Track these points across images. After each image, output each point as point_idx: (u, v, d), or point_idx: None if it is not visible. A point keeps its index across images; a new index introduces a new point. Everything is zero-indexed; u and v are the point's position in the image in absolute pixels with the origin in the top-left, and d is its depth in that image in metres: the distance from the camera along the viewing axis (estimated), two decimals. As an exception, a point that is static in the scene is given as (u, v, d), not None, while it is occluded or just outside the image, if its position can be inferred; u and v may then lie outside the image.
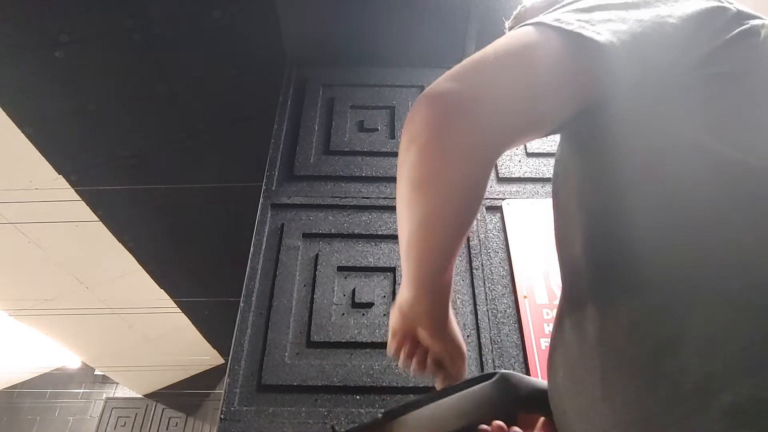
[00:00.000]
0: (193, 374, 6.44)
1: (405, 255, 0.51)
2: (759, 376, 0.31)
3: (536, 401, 0.52)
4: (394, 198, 1.76)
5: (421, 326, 0.58)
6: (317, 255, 1.48)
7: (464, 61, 0.46)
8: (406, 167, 0.47)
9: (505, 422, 0.53)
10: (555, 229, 0.57)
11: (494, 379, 0.53)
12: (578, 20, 0.44)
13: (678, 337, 0.36)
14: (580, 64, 0.44)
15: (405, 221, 0.49)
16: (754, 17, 0.47)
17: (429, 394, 0.57)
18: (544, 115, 0.48)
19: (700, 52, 0.45)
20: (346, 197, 1.61)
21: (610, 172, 0.48)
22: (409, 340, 0.60)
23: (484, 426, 0.52)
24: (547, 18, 0.46)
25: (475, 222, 1.56)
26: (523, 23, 0.47)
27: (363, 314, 1.38)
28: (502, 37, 0.47)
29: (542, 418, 0.55)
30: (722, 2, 0.47)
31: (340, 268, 1.47)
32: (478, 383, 0.54)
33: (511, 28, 0.98)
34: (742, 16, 0.46)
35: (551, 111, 0.47)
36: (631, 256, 0.43)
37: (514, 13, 1.00)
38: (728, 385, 0.32)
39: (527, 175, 1.67)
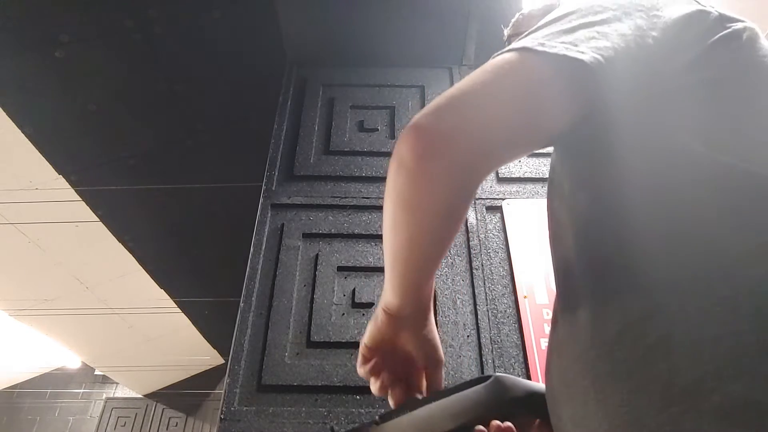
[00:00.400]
0: (193, 374, 6.45)
1: (390, 268, 0.53)
2: (750, 378, 0.31)
3: (530, 403, 0.53)
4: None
5: (405, 329, 0.58)
6: (317, 255, 1.49)
7: (451, 90, 0.47)
8: (394, 190, 0.49)
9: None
10: (549, 233, 0.58)
11: (488, 381, 0.54)
12: (562, 42, 0.45)
13: (669, 339, 0.36)
14: (566, 85, 0.45)
15: (390, 239, 0.51)
16: (736, 20, 0.47)
17: (424, 397, 0.57)
18: (528, 140, 0.49)
19: (684, 59, 0.45)
20: (346, 197, 1.61)
21: (600, 179, 0.48)
22: (384, 357, 0.60)
23: (480, 427, 0.52)
24: (530, 42, 0.46)
25: (475, 222, 1.56)
26: (506, 49, 0.48)
27: (363, 314, 1.38)
28: (486, 63, 0.48)
29: (537, 421, 0.55)
30: (703, 6, 0.47)
31: (340, 268, 1.47)
32: (473, 386, 0.55)
33: (509, 36, 1.00)
34: (723, 20, 0.47)
35: (535, 135, 0.48)
36: (622, 260, 0.43)
37: (512, 21, 1.01)
38: (720, 386, 0.32)
39: (527, 175, 1.67)
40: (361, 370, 0.61)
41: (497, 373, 0.55)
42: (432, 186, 0.46)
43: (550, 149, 0.59)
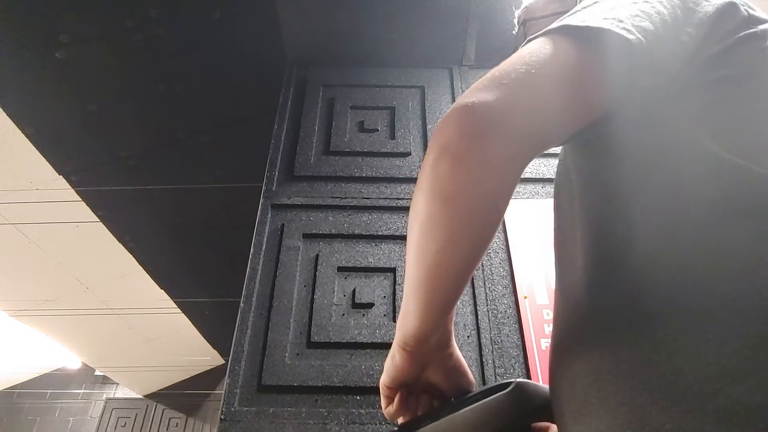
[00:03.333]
0: (193, 375, 6.44)
1: (417, 285, 0.46)
2: (753, 380, 0.31)
3: (551, 410, 0.52)
4: (395, 198, 1.73)
5: (430, 365, 0.54)
6: (317, 255, 1.48)
7: (494, 71, 0.45)
8: (432, 183, 0.43)
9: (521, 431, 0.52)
10: (554, 230, 0.57)
11: (509, 389, 0.52)
12: (605, 19, 0.44)
13: (674, 339, 0.36)
14: (610, 63, 0.44)
15: (421, 244, 0.45)
16: (764, 21, 0.47)
17: (444, 407, 0.55)
18: (574, 119, 0.47)
19: (708, 54, 0.45)
20: (346, 198, 1.61)
21: (613, 174, 0.48)
22: (408, 389, 0.56)
23: None
24: (573, 20, 0.45)
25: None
26: (546, 30, 0.46)
27: (363, 315, 1.38)
28: (525, 46, 0.46)
29: (554, 426, 0.55)
30: (735, 1, 0.47)
31: (341, 269, 1.46)
32: (493, 393, 0.53)
33: (524, 20, 0.98)
34: (752, 20, 0.46)
35: (582, 114, 0.46)
36: (630, 259, 0.43)
37: (527, 3, 0.99)
38: (722, 388, 0.32)
39: (527, 175, 1.67)
40: (389, 411, 0.56)
41: (518, 379, 0.53)
42: (482, 170, 0.42)
43: (550, 150, 0.57)
